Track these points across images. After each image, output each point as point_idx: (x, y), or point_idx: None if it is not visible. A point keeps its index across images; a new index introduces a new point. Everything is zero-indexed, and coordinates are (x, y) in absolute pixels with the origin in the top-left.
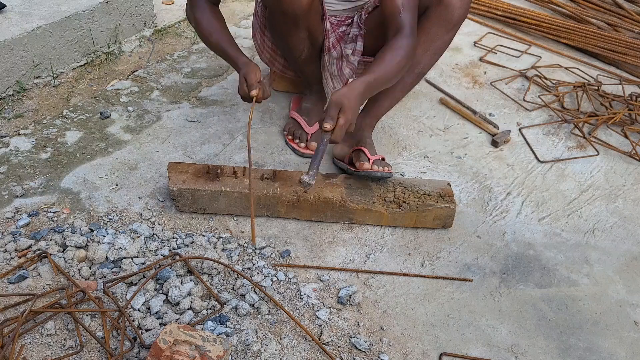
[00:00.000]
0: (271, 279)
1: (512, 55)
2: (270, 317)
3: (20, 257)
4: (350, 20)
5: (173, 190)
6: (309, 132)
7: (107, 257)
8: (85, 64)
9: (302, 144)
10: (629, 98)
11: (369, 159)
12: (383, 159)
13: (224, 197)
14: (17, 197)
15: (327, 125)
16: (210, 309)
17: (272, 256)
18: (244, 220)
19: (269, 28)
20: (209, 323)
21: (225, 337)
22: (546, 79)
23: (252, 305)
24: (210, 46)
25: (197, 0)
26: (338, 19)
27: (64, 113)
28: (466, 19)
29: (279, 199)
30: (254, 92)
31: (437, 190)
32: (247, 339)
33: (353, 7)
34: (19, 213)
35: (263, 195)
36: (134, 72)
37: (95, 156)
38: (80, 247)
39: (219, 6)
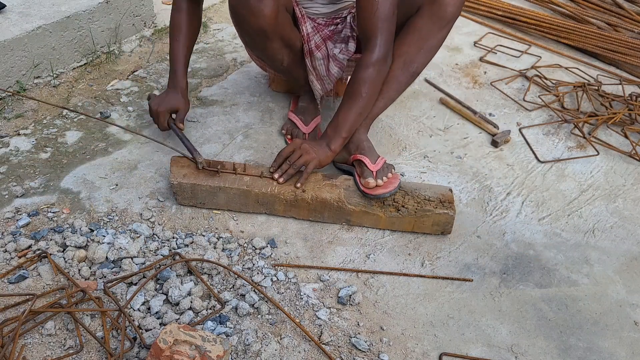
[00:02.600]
0: (271, 279)
1: (512, 55)
2: (270, 317)
3: (20, 257)
4: (339, 20)
5: (173, 183)
6: (306, 131)
7: (107, 257)
8: (85, 64)
9: None
10: (629, 98)
11: (372, 172)
12: (385, 163)
13: (223, 193)
14: (17, 197)
15: (281, 180)
16: (210, 309)
17: (263, 250)
18: (244, 220)
19: (244, 44)
20: (209, 323)
21: (225, 337)
22: (546, 79)
23: (252, 305)
24: (169, 49)
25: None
26: (325, 19)
27: (64, 113)
28: (466, 19)
29: (277, 197)
30: (160, 127)
31: (437, 196)
32: (247, 339)
33: (338, 8)
34: (19, 213)
35: (261, 192)
36: (134, 72)
37: (95, 156)
38: (80, 247)
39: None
